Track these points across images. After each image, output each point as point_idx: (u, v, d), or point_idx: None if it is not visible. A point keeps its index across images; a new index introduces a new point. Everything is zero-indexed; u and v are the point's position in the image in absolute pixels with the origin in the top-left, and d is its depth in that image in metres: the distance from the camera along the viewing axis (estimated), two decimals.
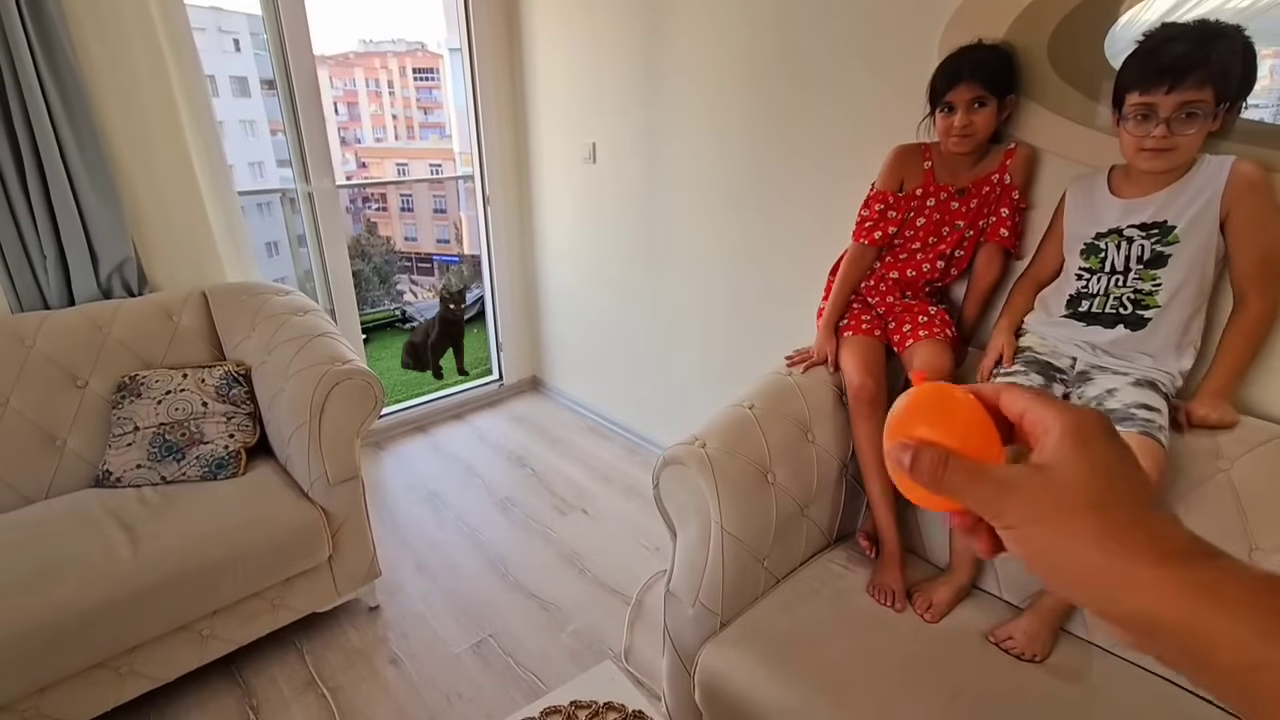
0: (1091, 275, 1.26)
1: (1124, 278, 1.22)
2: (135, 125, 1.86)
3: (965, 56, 1.34)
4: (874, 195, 1.51)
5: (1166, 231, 1.17)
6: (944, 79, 1.34)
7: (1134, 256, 1.20)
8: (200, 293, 1.94)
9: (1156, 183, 1.18)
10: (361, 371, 1.65)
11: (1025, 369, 1.28)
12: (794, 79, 1.80)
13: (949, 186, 1.45)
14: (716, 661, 1.19)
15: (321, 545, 1.62)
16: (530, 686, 1.59)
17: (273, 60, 2.23)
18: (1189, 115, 1.06)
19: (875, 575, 1.34)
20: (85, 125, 1.75)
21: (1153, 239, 1.18)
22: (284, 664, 1.66)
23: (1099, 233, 1.24)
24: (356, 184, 20.21)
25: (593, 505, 2.32)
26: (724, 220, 2.12)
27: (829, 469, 1.43)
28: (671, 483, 1.28)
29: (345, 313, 2.57)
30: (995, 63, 1.33)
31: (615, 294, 2.64)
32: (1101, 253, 1.24)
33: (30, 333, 1.69)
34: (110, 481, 1.63)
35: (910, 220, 1.49)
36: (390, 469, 2.58)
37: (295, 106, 2.27)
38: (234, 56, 18.11)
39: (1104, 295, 1.25)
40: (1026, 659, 1.16)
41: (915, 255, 1.51)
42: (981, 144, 1.38)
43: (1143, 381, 1.18)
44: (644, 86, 2.22)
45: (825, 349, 1.52)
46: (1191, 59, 1.04)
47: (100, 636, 1.34)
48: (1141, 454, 1.08)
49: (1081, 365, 1.27)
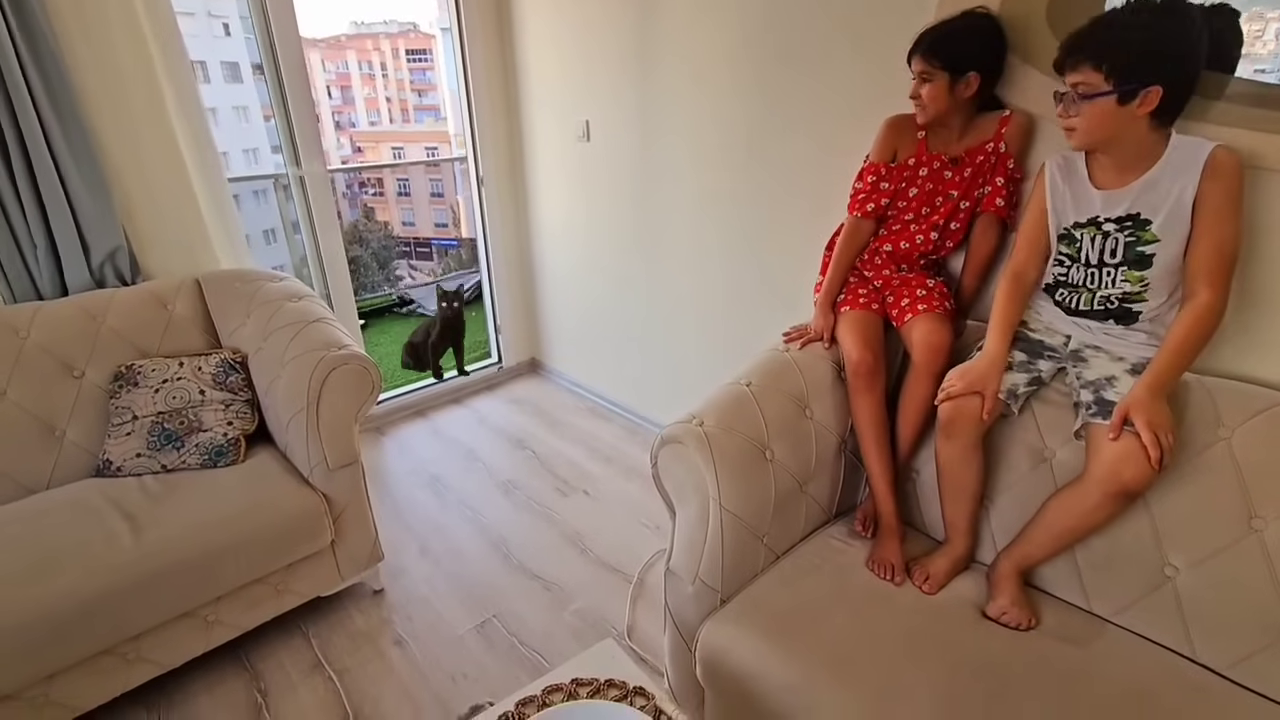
0: (1071, 264, 1.25)
1: (1102, 275, 1.20)
2: (122, 115, 1.84)
3: (927, 31, 1.35)
4: (867, 167, 1.50)
5: (1141, 225, 1.15)
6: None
7: (1108, 250, 1.19)
8: (194, 280, 1.93)
9: (1132, 168, 1.14)
10: (358, 356, 1.64)
11: (1012, 348, 1.28)
12: (786, 56, 1.77)
13: (942, 155, 1.44)
14: (717, 638, 1.20)
15: (323, 530, 1.62)
16: (534, 665, 1.61)
17: (259, 43, 2.20)
18: (1081, 96, 1.09)
19: (874, 550, 1.34)
20: (71, 115, 1.73)
21: (1127, 233, 1.16)
22: (290, 648, 1.68)
23: (1076, 222, 1.22)
24: (348, 168, 20.01)
25: (593, 486, 2.32)
26: (719, 198, 2.10)
27: (828, 445, 1.43)
28: (670, 461, 1.28)
29: (341, 298, 2.56)
30: (956, 37, 1.33)
31: (612, 274, 2.62)
32: (1077, 243, 1.23)
33: (24, 324, 1.68)
34: (111, 471, 1.63)
35: (903, 191, 1.48)
36: (391, 454, 2.59)
37: (284, 91, 2.24)
38: (224, 41, 17.86)
39: (1087, 291, 1.23)
40: (1025, 628, 1.17)
41: (909, 227, 1.50)
42: (941, 114, 1.38)
43: (1140, 367, 1.16)
44: (636, 64, 2.19)
45: (822, 325, 1.51)
46: (1082, 40, 1.10)
47: (104, 625, 1.35)
48: (1144, 463, 1.07)
49: (1075, 344, 1.26)
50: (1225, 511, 1.09)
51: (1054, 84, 1.33)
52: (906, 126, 1.46)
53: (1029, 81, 1.36)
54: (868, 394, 1.40)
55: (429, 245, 23.30)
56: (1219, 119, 1.15)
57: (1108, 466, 1.11)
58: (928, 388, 1.35)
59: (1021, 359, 1.28)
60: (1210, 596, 1.10)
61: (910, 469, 1.45)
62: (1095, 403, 1.17)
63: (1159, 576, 1.15)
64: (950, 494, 1.30)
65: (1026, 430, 1.30)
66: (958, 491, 1.28)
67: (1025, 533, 1.24)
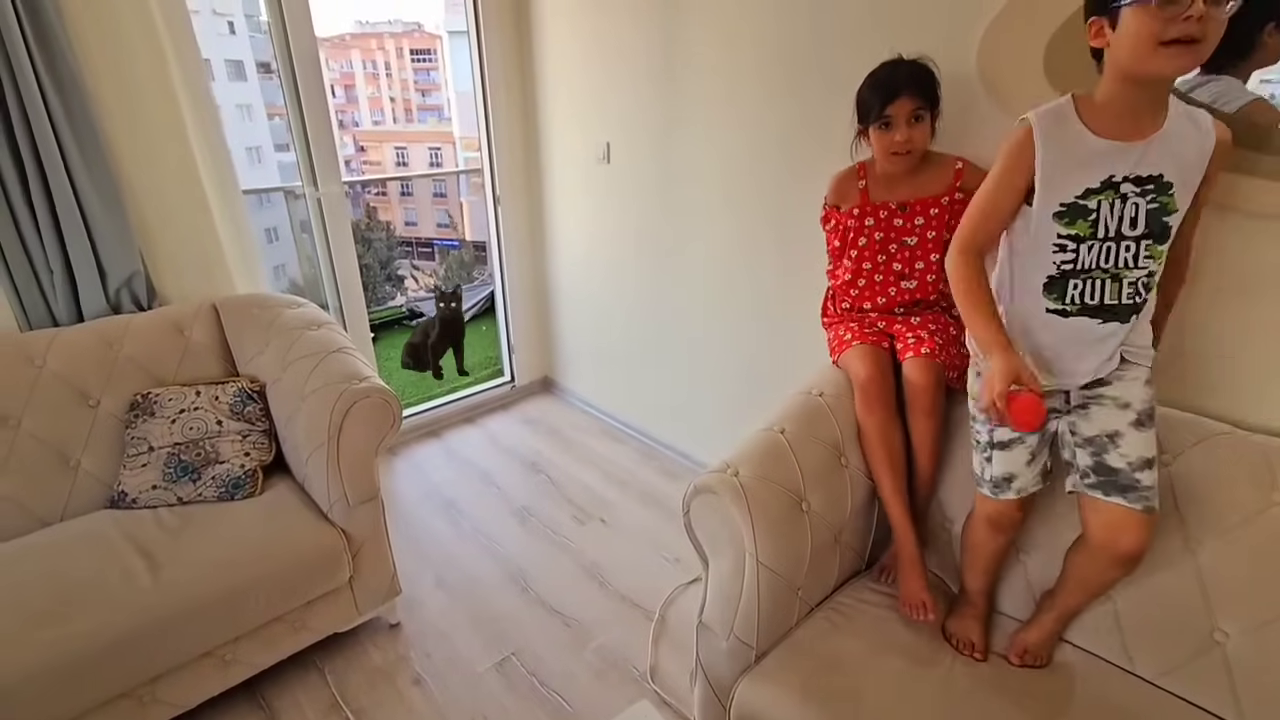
0: (1080, 244, 1.02)
1: (1124, 249, 1.00)
2: (137, 127, 1.80)
3: (898, 68, 1.34)
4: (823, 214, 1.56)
5: (1163, 189, 0.97)
6: (881, 92, 1.32)
7: (1128, 220, 0.99)
8: (210, 305, 1.90)
9: (1148, 116, 0.97)
10: (379, 389, 1.61)
11: None
12: (830, 82, 1.73)
13: (888, 204, 1.44)
14: (755, 699, 1.17)
15: (342, 567, 1.59)
16: (555, 708, 1.58)
17: (276, 55, 2.16)
18: None
19: (901, 590, 1.32)
20: (86, 127, 1.68)
21: (1149, 198, 0.98)
22: (306, 686, 1.64)
23: (1089, 188, 1.00)
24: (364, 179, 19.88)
25: (610, 514, 2.29)
26: (746, 225, 2.07)
27: (862, 491, 1.40)
28: (703, 512, 1.25)
29: (354, 318, 2.53)
30: (925, 75, 1.33)
31: (629, 297, 2.59)
32: (1091, 214, 1.00)
33: (40, 352, 1.65)
34: (126, 503, 1.60)
35: (853, 241, 1.48)
36: (405, 476, 2.55)
37: (305, 121, 2.21)
38: (229, 39, 17.83)
39: (1110, 276, 1.02)
40: (1036, 666, 1.18)
41: (874, 280, 1.50)
42: (920, 158, 1.38)
43: (1144, 417, 1.07)
44: (659, 86, 2.16)
45: None
46: None
47: (121, 669, 1.31)
48: (1143, 529, 1.05)
49: (1076, 398, 1.13)
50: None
51: None
52: (849, 178, 1.49)
53: None
54: (876, 412, 1.36)
55: (431, 246, 23.26)
56: None
57: (1103, 534, 1.09)
58: (921, 424, 1.34)
59: (1034, 442, 1.16)
60: (1264, 663, 1.07)
61: (944, 520, 1.42)
62: (1094, 469, 1.09)
63: (1208, 641, 1.12)
64: (976, 568, 1.28)
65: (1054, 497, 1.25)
66: (985, 565, 1.26)
67: (1059, 584, 1.21)
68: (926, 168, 1.42)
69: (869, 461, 1.39)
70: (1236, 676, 1.09)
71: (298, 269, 12.05)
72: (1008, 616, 1.32)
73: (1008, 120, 1.31)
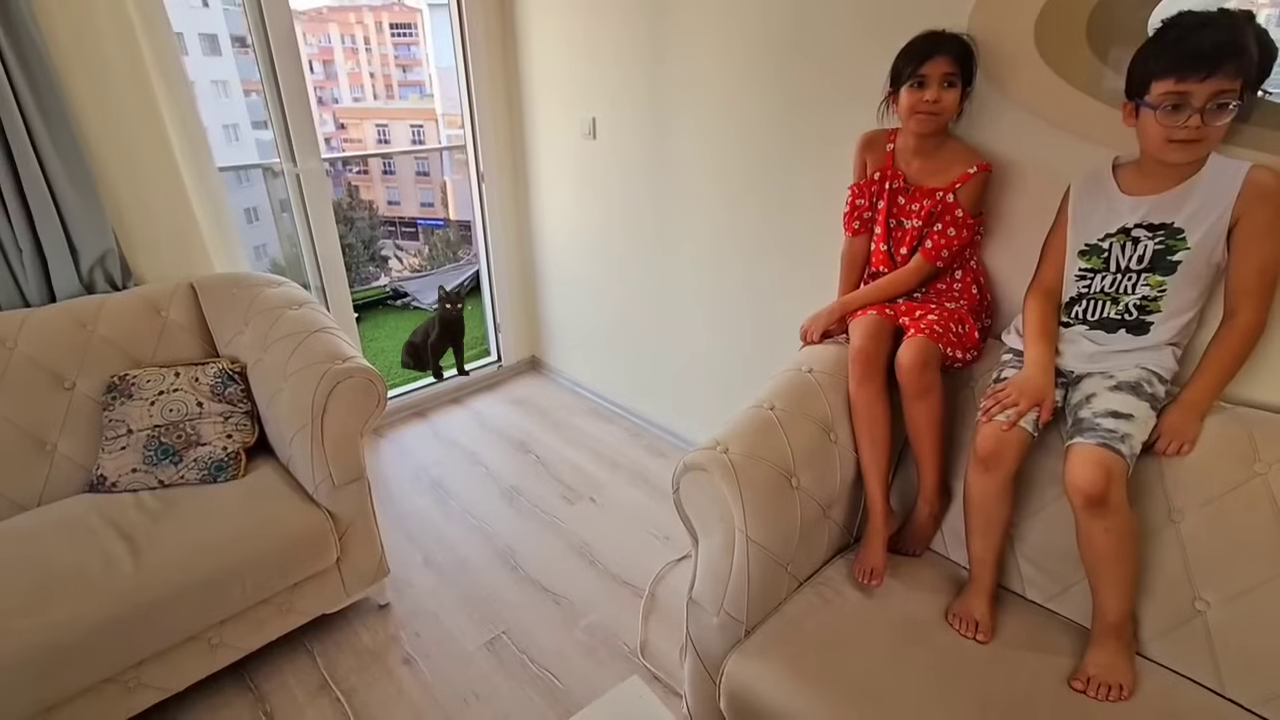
0: (1094, 275, 1.23)
1: (1126, 279, 1.19)
2: (107, 102, 1.74)
3: (939, 34, 1.34)
4: (850, 188, 1.56)
5: (1174, 234, 1.14)
6: (918, 53, 1.33)
7: (1137, 256, 1.18)
8: (188, 285, 1.85)
9: (1170, 178, 1.13)
10: (363, 369, 1.58)
11: None
12: (812, 52, 1.70)
13: (901, 177, 1.46)
14: (744, 673, 1.17)
15: (329, 549, 1.58)
16: (547, 686, 1.58)
17: (250, 29, 2.09)
18: (1219, 106, 1.02)
19: (860, 552, 1.35)
20: (52, 103, 1.63)
21: (1158, 240, 1.15)
22: (296, 667, 1.64)
23: (1106, 233, 1.21)
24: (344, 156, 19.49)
25: (599, 493, 2.29)
26: (735, 201, 2.05)
27: (850, 467, 1.40)
28: (693, 489, 1.25)
29: (337, 297, 2.49)
30: (964, 46, 1.33)
31: (616, 273, 2.57)
32: (1105, 253, 1.21)
33: (11, 333, 1.61)
34: (105, 487, 1.57)
35: (875, 204, 1.52)
36: (391, 458, 2.54)
37: (280, 94, 2.15)
38: (203, 12, 17.34)
39: (1110, 299, 1.21)
40: (1115, 699, 1.08)
41: (880, 250, 1.52)
42: (943, 127, 1.38)
43: (1124, 385, 1.16)
44: (646, 60, 2.12)
45: (814, 326, 1.54)
46: (1227, 47, 1.00)
47: (104, 655, 1.30)
48: (1096, 465, 1.08)
49: (1079, 372, 1.25)
50: (1261, 547, 1.08)
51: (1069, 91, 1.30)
52: (876, 140, 1.51)
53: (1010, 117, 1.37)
54: (866, 383, 1.36)
55: (415, 225, 22.97)
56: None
57: (1068, 476, 1.12)
58: (911, 408, 1.35)
59: None
60: (1242, 632, 1.09)
61: None
62: (1072, 426, 1.19)
63: (1189, 610, 1.14)
64: (981, 529, 1.27)
65: (1050, 456, 1.27)
66: (990, 526, 1.26)
67: (1093, 595, 1.18)
68: (943, 152, 1.41)
69: (855, 431, 1.39)
70: (1217, 644, 1.11)
71: (279, 249, 11.87)
72: (1014, 593, 1.32)
73: (1002, 101, 1.36)
